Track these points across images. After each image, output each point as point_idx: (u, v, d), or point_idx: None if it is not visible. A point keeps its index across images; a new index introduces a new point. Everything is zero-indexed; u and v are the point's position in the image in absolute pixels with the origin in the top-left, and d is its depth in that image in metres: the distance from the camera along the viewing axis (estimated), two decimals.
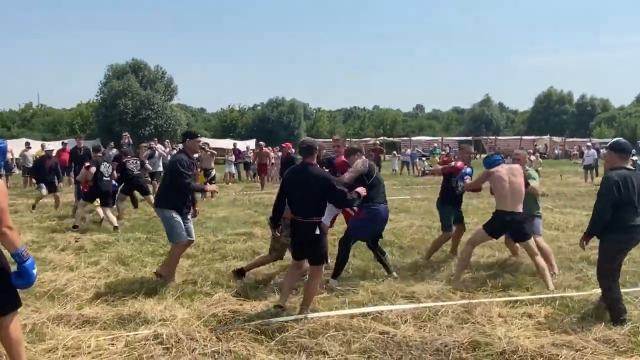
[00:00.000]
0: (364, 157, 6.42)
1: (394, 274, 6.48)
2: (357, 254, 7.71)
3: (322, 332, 4.54)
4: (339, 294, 5.70)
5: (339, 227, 8.35)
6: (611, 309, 4.75)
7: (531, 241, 6.06)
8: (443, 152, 29.81)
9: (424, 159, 29.01)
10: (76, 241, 8.57)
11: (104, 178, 10.14)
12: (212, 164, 16.08)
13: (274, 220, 5.34)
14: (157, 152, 15.99)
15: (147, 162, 15.26)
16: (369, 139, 51.67)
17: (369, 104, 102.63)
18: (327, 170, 6.21)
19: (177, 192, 6.07)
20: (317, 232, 4.97)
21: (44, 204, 12.98)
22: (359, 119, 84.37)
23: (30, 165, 18.55)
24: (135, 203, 12.33)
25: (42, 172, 12.61)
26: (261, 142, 24.23)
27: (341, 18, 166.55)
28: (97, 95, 47.04)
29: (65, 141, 22.99)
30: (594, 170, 21.31)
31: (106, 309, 5.18)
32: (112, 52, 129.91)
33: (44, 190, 12.45)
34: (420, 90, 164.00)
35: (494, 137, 51.69)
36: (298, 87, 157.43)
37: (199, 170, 15.92)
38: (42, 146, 20.61)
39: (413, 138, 47.14)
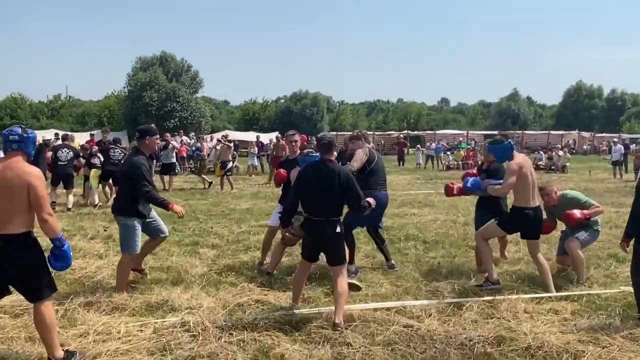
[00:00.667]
0: (366, 145, 6.47)
1: (393, 261, 6.56)
2: None
3: (346, 324, 4.57)
4: (364, 287, 5.72)
5: None
6: None
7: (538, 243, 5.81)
8: (469, 147, 29.50)
9: (448, 153, 28.74)
10: (105, 230, 8.76)
11: (60, 163, 11.43)
12: (230, 157, 16.31)
13: (286, 220, 5.03)
14: (170, 145, 16.34)
15: (161, 153, 15.91)
16: (392, 132, 51.43)
17: (393, 97, 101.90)
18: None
19: (139, 198, 5.44)
20: (339, 229, 4.72)
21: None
22: (383, 112, 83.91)
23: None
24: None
25: (39, 162, 12.18)
26: (278, 135, 24.19)
27: (366, 10, 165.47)
28: (124, 87, 47.72)
29: (93, 132, 23.43)
30: (623, 166, 20.90)
31: (135, 296, 5.29)
32: (140, 45, 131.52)
33: None
34: (445, 84, 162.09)
35: (520, 132, 50.89)
36: (322, 80, 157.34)
37: (218, 162, 16.26)
38: (51, 137, 21.00)
39: (438, 132, 46.70)
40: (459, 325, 4.53)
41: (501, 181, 5.69)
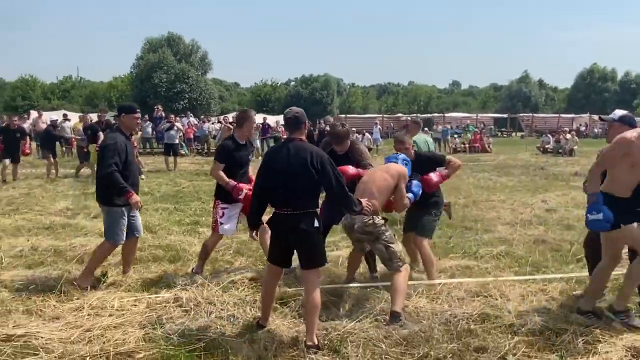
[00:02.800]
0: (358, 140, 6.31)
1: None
2: None
3: (337, 301, 4.66)
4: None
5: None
6: None
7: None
8: (476, 130, 29.36)
9: (455, 136, 28.60)
10: None
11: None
12: None
13: (254, 220, 4.24)
14: (175, 127, 16.63)
15: (166, 134, 16.38)
16: (400, 115, 51.22)
17: (404, 80, 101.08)
18: None
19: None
20: (316, 224, 3.93)
21: (81, 173, 13.59)
22: (393, 95, 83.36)
23: (68, 135, 19.17)
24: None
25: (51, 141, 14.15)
26: (226, 116, 23.69)
27: None
28: (133, 69, 47.74)
29: (100, 114, 23.56)
30: None
31: (131, 272, 5.42)
32: (150, 26, 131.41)
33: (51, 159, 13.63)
34: (457, 66, 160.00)
35: (530, 115, 50.42)
36: (332, 62, 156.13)
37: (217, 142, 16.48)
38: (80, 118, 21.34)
39: (447, 115, 46.39)
40: (446, 303, 4.60)
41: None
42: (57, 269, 5.56)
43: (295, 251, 4.08)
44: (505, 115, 47.62)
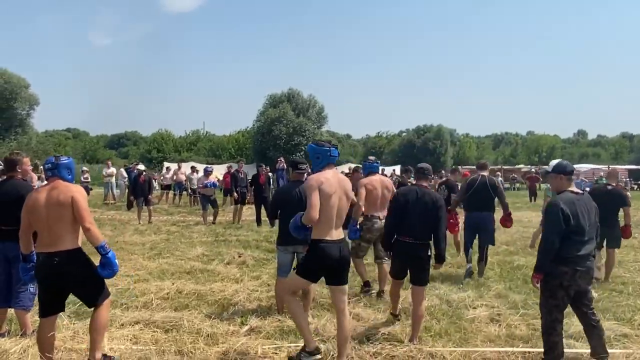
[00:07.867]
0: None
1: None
2: (514, 287, 7.37)
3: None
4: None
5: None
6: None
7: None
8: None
9: (587, 189, 26.57)
10: (239, 256, 9.32)
11: None
12: None
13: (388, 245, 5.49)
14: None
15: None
16: (522, 165, 48.97)
17: (522, 130, 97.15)
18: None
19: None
20: (430, 253, 5.19)
21: (217, 221, 14.46)
22: (511, 145, 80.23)
23: (195, 186, 20.61)
24: None
25: (137, 188, 14.91)
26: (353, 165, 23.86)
27: (490, 42, 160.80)
28: (255, 123, 50.75)
29: (230, 165, 25.15)
30: None
31: (269, 320, 5.58)
32: (269, 83, 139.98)
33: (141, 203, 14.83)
34: (583, 115, 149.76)
35: None
36: (445, 113, 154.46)
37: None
38: (181, 166, 22.83)
39: (575, 166, 43.40)
40: None
41: None
42: (201, 312, 5.88)
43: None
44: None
